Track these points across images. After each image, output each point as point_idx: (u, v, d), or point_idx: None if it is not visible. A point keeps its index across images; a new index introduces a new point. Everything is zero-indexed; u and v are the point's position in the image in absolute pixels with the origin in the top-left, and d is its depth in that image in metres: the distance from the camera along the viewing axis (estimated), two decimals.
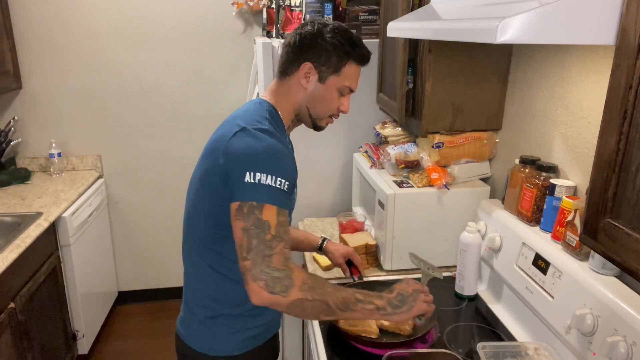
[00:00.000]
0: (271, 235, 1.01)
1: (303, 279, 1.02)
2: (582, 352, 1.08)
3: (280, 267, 1.00)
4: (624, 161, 0.74)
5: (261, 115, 1.14)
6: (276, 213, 1.03)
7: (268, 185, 1.02)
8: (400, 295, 1.16)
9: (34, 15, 2.74)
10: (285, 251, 1.02)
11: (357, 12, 2.08)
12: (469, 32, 0.95)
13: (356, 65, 1.19)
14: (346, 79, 1.19)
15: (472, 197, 1.64)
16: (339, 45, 1.15)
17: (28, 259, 2.05)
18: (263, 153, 1.04)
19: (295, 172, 1.12)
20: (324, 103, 1.20)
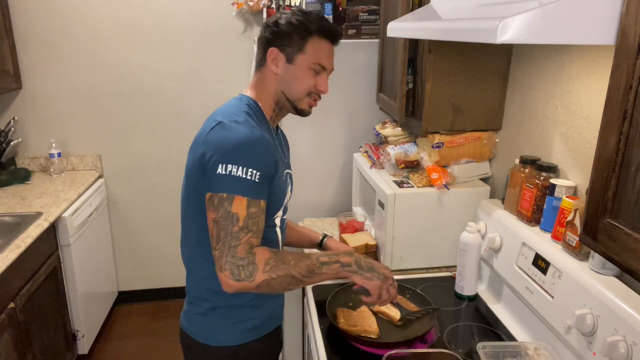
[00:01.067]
0: (238, 227, 1.07)
1: (266, 260, 1.08)
2: (582, 352, 1.08)
3: (244, 255, 1.07)
4: (624, 161, 0.74)
5: (239, 109, 1.17)
6: (246, 205, 1.07)
7: (238, 176, 1.06)
8: (370, 264, 1.20)
9: (34, 15, 2.74)
10: (252, 240, 1.09)
11: (357, 12, 2.08)
12: (469, 32, 0.95)
13: (321, 40, 1.19)
14: (313, 55, 1.18)
15: (472, 197, 1.64)
16: (297, 23, 1.17)
17: (28, 259, 2.05)
18: (235, 145, 1.07)
19: (272, 162, 1.13)
20: (297, 82, 1.20)
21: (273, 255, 1.10)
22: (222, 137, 1.09)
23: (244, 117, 1.14)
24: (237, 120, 1.12)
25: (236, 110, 1.16)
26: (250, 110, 1.18)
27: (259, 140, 1.10)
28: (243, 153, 1.07)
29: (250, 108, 1.19)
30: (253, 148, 1.08)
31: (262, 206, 1.11)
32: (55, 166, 2.85)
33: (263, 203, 1.11)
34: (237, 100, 1.22)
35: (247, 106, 1.19)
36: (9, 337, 1.88)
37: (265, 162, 1.10)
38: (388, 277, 1.21)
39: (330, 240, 1.56)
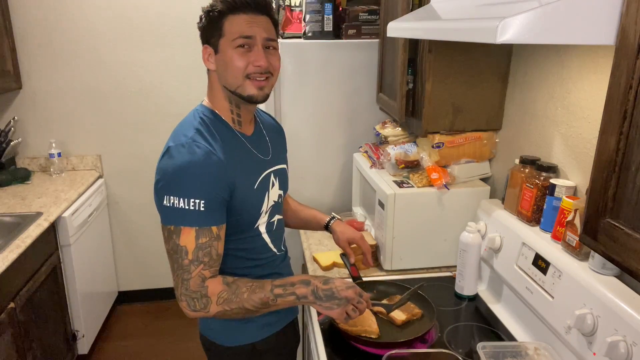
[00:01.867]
0: (188, 260, 1.07)
1: (218, 294, 1.08)
2: (582, 352, 1.08)
3: (196, 289, 1.07)
4: (624, 161, 0.74)
5: (191, 125, 1.13)
6: (194, 236, 1.06)
7: (182, 208, 1.04)
8: (329, 291, 1.13)
9: (34, 15, 2.74)
10: (204, 272, 1.08)
11: (357, 12, 2.08)
12: (469, 32, 0.95)
13: (235, 15, 1.11)
14: (231, 33, 1.10)
15: (472, 197, 1.64)
16: (207, 12, 1.13)
17: (28, 259, 2.05)
18: (175, 175, 1.05)
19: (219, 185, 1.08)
20: (228, 68, 1.12)
21: (226, 288, 1.09)
22: (165, 166, 1.07)
23: (192, 134, 1.10)
24: (183, 143, 1.08)
25: (187, 128, 1.12)
26: (203, 123, 1.14)
27: (201, 165, 1.06)
28: (184, 183, 1.05)
29: (203, 120, 1.14)
30: (194, 176, 1.05)
31: (215, 232, 1.08)
32: (55, 166, 2.85)
33: (216, 229, 1.09)
34: (193, 112, 1.19)
35: (200, 119, 1.14)
36: (9, 337, 1.88)
37: (210, 188, 1.06)
38: (351, 299, 1.14)
39: (337, 223, 1.51)
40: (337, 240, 1.50)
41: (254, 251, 1.24)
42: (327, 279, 1.16)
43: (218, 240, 1.10)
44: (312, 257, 1.80)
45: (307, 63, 2.06)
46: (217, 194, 1.08)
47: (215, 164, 1.07)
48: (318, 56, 2.06)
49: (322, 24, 2.08)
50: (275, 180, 1.28)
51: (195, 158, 1.06)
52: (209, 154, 1.08)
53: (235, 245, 1.19)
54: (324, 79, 2.10)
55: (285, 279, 1.15)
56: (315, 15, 2.07)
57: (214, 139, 1.12)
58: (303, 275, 1.17)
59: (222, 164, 1.09)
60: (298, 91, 2.08)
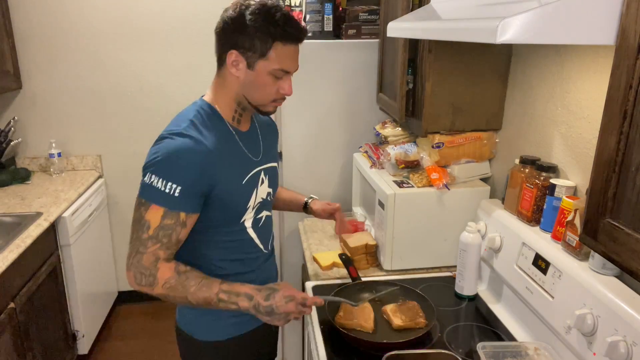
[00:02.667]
0: (148, 235, 1.10)
1: (166, 279, 1.11)
2: (582, 352, 1.08)
3: (147, 266, 1.10)
4: (624, 161, 0.74)
5: (186, 117, 1.15)
6: (161, 215, 1.09)
7: (157, 188, 1.08)
8: (269, 308, 1.14)
9: (34, 15, 2.74)
10: (159, 252, 1.11)
11: (357, 12, 2.08)
12: (469, 32, 0.95)
13: (284, 45, 1.12)
14: (276, 61, 1.12)
15: (472, 197, 1.64)
16: (260, 27, 1.09)
17: (28, 259, 2.05)
18: (161, 157, 1.09)
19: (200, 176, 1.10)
20: (259, 89, 1.16)
21: (175, 276, 1.11)
22: (154, 150, 1.11)
23: (185, 126, 1.12)
24: (175, 132, 1.11)
25: (182, 120, 1.15)
26: (200, 117, 1.16)
27: (186, 153, 1.09)
28: (165, 166, 1.08)
29: (200, 114, 1.17)
30: (177, 162, 1.08)
31: (182, 218, 1.10)
32: (55, 166, 2.85)
33: (185, 215, 1.11)
34: (192, 105, 1.21)
35: (197, 112, 1.17)
36: (9, 337, 1.88)
37: (190, 177, 1.09)
38: (291, 312, 1.15)
39: (313, 202, 1.59)
40: (319, 216, 1.59)
41: (240, 245, 1.26)
42: (269, 293, 1.15)
43: (183, 227, 1.12)
44: (312, 257, 1.80)
45: (307, 63, 2.06)
46: (197, 184, 1.10)
47: (200, 155, 1.10)
48: (318, 56, 2.06)
49: (322, 24, 2.08)
50: (265, 178, 1.29)
51: (182, 145, 1.09)
52: (197, 144, 1.10)
53: (221, 237, 1.22)
54: (324, 79, 2.10)
55: (233, 286, 1.15)
56: (315, 15, 2.07)
57: (206, 131, 1.14)
58: (249, 287, 1.16)
59: (209, 156, 1.12)
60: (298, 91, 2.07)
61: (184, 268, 1.14)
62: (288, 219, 2.24)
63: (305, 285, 1.63)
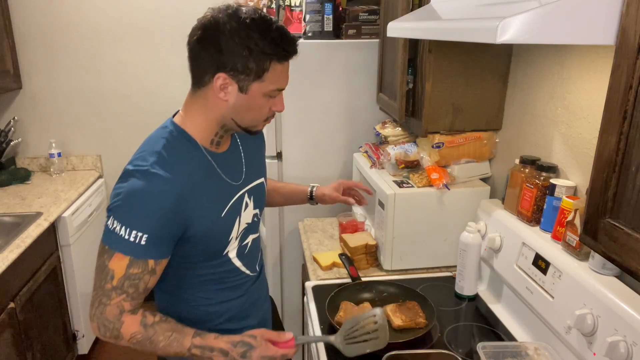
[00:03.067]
0: (112, 285, 1.00)
1: (132, 334, 1.02)
2: (582, 352, 1.08)
3: (112, 319, 1.01)
4: (624, 161, 0.74)
5: (153, 147, 1.04)
6: (127, 265, 0.99)
7: (121, 236, 0.98)
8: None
9: (34, 15, 2.73)
10: (124, 304, 1.01)
11: (357, 12, 2.08)
12: (469, 32, 0.95)
13: (282, 64, 1.03)
14: (272, 82, 1.02)
15: (472, 197, 1.64)
16: (256, 47, 0.97)
17: (28, 259, 2.05)
18: (124, 202, 0.99)
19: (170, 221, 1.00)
20: (252, 112, 1.06)
21: (142, 330, 1.02)
22: (117, 189, 1.01)
23: (152, 161, 1.01)
24: (141, 170, 1.00)
25: (149, 151, 1.03)
26: (169, 146, 1.04)
27: (153, 198, 0.98)
28: (128, 212, 0.98)
29: (169, 143, 1.05)
30: (143, 209, 0.98)
31: (150, 266, 1.01)
32: (55, 166, 2.85)
33: (153, 263, 1.01)
34: (161, 131, 1.09)
35: (166, 141, 1.05)
36: (9, 337, 1.88)
37: (158, 223, 0.99)
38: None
39: (318, 190, 1.55)
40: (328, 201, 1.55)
41: (225, 276, 1.18)
42: (245, 350, 1.05)
43: (152, 275, 1.02)
44: (312, 257, 1.80)
45: (307, 63, 2.06)
46: (166, 229, 1.01)
47: (169, 198, 0.99)
48: (318, 56, 2.06)
49: (322, 24, 2.08)
50: (250, 200, 1.20)
51: (149, 189, 0.98)
52: (164, 186, 0.99)
53: (203, 271, 1.14)
54: (324, 79, 2.10)
55: (207, 339, 1.05)
56: (315, 15, 2.07)
57: (177, 164, 1.03)
58: (223, 342, 1.05)
59: (180, 197, 1.01)
60: (298, 91, 2.08)
61: (152, 319, 1.03)
62: (288, 219, 2.24)
63: (305, 285, 1.63)
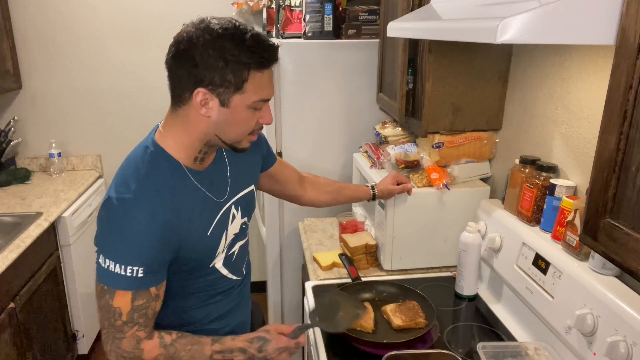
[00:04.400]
0: (122, 321, 0.99)
1: (157, 356, 1.03)
2: (582, 352, 1.08)
3: (130, 350, 1.01)
4: (624, 161, 0.74)
5: (136, 172, 1.01)
6: (130, 299, 0.98)
7: (117, 273, 0.96)
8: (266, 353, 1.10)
9: (34, 15, 2.73)
10: (139, 333, 1.01)
11: (357, 12, 2.08)
12: (469, 32, 0.95)
13: (262, 73, 0.98)
14: (254, 93, 0.98)
15: (472, 197, 1.64)
16: (231, 57, 0.94)
17: (28, 259, 2.05)
18: (113, 237, 0.97)
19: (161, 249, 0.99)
20: (237, 126, 1.02)
21: (163, 352, 1.03)
22: (104, 221, 0.99)
23: (135, 187, 0.98)
24: (124, 197, 0.97)
25: (131, 176, 1.00)
26: (153, 168, 1.02)
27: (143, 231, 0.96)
28: (122, 248, 0.96)
29: (151, 165, 1.02)
30: (134, 242, 0.96)
31: (153, 293, 1.01)
32: (55, 166, 2.85)
33: (155, 289, 1.01)
34: (142, 151, 1.05)
35: (148, 164, 1.02)
36: (9, 337, 1.88)
37: (151, 254, 0.98)
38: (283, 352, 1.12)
39: (378, 187, 1.58)
40: (389, 194, 1.58)
41: (209, 284, 1.17)
42: (262, 344, 1.10)
43: (156, 300, 1.03)
44: (312, 257, 1.80)
45: (307, 63, 2.06)
46: (158, 257, 1.00)
47: (157, 227, 0.97)
48: (318, 56, 2.06)
49: (322, 24, 2.08)
50: (237, 211, 1.18)
51: (136, 221, 0.96)
52: (152, 216, 0.97)
53: (188, 282, 1.13)
54: (324, 79, 2.10)
55: (224, 342, 1.08)
56: (315, 15, 2.07)
57: (161, 190, 1.00)
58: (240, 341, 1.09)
59: (167, 225, 0.99)
60: (298, 91, 2.08)
61: (170, 339, 1.05)
62: (288, 219, 2.24)
63: (305, 285, 1.63)
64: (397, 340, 1.25)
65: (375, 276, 1.66)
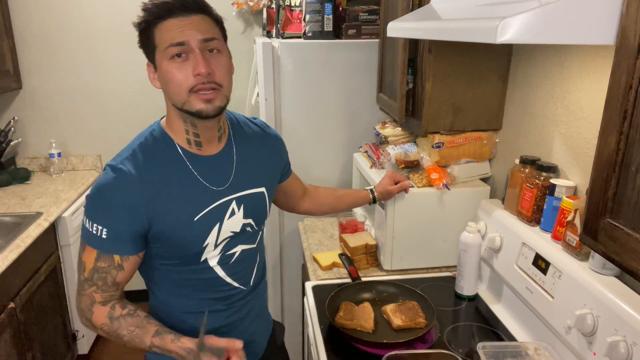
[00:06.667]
0: (84, 277, 1.07)
1: (100, 325, 1.07)
2: (582, 352, 1.08)
3: (84, 308, 1.09)
4: (624, 161, 0.74)
5: (132, 145, 1.07)
6: (95, 257, 1.04)
7: (87, 229, 1.04)
8: None
9: (34, 15, 2.74)
10: (95, 295, 1.07)
11: (357, 12, 2.08)
12: (469, 32, 0.95)
13: (164, 23, 0.99)
14: (163, 41, 0.99)
15: (472, 197, 1.64)
16: (141, 23, 1.02)
17: (28, 259, 2.05)
18: (92, 198, 1.04)
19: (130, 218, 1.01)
20: (168, 83, 1.01)
21: (107, 323, 1.06)
22: (92, 187, 1.06)
23: (125, 157, 1.04)
24: (112, 164, 1.03)
25: (128, 148, 1.07)
26: (146, 144, 1.06)
27: (114, 193, 1.01)
28: (92, 206, 1.03)
29: (147, 141, 1.07)
30: (104, 202, 1.02)
31: (116, 261, 1.04)
32: (55, 166, 2.85)
33: (119, 258, 1.04)
34: (146, 130, 1.12)
35: (145, 139, 1.07)
36: (9, 337, 1.88)
37: (116, 218, 1.01)
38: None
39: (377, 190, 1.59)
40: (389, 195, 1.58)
41: (207, 284, 1.14)
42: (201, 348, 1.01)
43: (119, 270, 1.05)
44: (312, 257, 1.80)
45: (307, 63, 2.06)
46: (126, 225, 1.02)
47: (132, 196, 1.01)
48: (318, 56, 2.06)
49: (322, 24, 2.08)
50: (238, 209, 1.14)
51: (113, 183, 1.01)
52: (128, 181, 1.01)
53: (180, 275, 1.13)
54: (324, 79, 2.10)
55: (165, 341, 1.03)
56: (315, 15, 2.07)
57: (148, 164, 1.04)
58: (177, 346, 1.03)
59: (143, 195, 1.01)
60: (298, 91, 2.08)
61: (119, 312, 1.06)
62: (288, 219, 2.24)
63: (305, 285, 1.63)
64: (397, 340, 1.25)
65: (375, 276, 1.66)
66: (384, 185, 1.58)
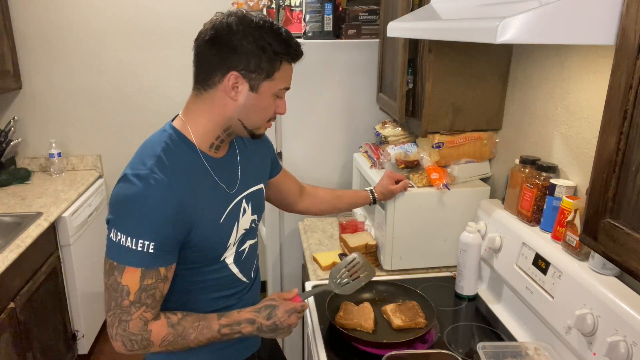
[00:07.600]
0: (129, 301, 0.99)
1: (163, 338, 1.03)
2: (582, 352, 1.08)
3: (137, 332, 1.01)
4: (624, 161, 0.74)
5: (152, 151, 1.03)
6: (139, 277, 0.98)
7: (128, 247, 0.96)
8: (273, 326, 1.11)
9: (34, 15, 2.74)
10: (146, 315, 1.01)
11: (357, 12, 2.08)
12: (469, 32, 0.95)
13: (289, 64, 1.07)
14: (281, 81, 1.06)
15: (472, 197, 1.64)
16: (268, 46, 1.00)
17: (28, 259, 2.05)
18: (126, 210, 0.98)
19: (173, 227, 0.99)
20: (260, 112, 1.07)
21: (171, 331, 1.03)
22: (117, 196, 0.99)
23: (152, 164, 0.99)
24: (140, 175, 0.98)
25: (148, 155, 1.02)
26: (168, 149, 1.03)
27: (156, 204, 0.97)
28: (134, 221, 0.97)
29: (168, 146, 1.04)
30: (146, 216, 0.96)
31: (162, 274, 1.01)
32: (55, 166, 2.85)
33: (164, 270, 1.01)
34: (160, 134, 1.08)
35: (165, 144, 1.04)
36: (9, 337, 1.88)
37: (163, 230, 0.98)
38: (294, 324, 1.14)
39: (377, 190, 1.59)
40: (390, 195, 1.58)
41: (220, 282, 1.16)
42: (269, 312, 1.11)
43: (165, 282, 1.02)
44: (312, 257, 1.80)
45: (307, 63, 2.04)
46: (170, 235, 1.00)
47: (171, 203, 0.98)
48: (318, 56, 2.06)
49: (322, 24, 2.08)
50: (248, 206, 1.18)
51: (150, 195, 0.97)
52: (167, 191, 0.98)
53: (201, 277, 1.12)
54: (324, 79, 2.10)
55: (231, 316, 1.09)
56: (315, 15, 2.07)
57: (177, 170, 1.02)
58: (247, 312, 1.11)
59: (181, 203, 1.00)
60: (298, 91, 2.08)
61: (176, 318, 1.05)
62: (288, 219, 2.24)
63: (305, 285, 1.63)
64: (397, 340, 1.25)
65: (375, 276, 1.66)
66: (385, 185, 1.58)
